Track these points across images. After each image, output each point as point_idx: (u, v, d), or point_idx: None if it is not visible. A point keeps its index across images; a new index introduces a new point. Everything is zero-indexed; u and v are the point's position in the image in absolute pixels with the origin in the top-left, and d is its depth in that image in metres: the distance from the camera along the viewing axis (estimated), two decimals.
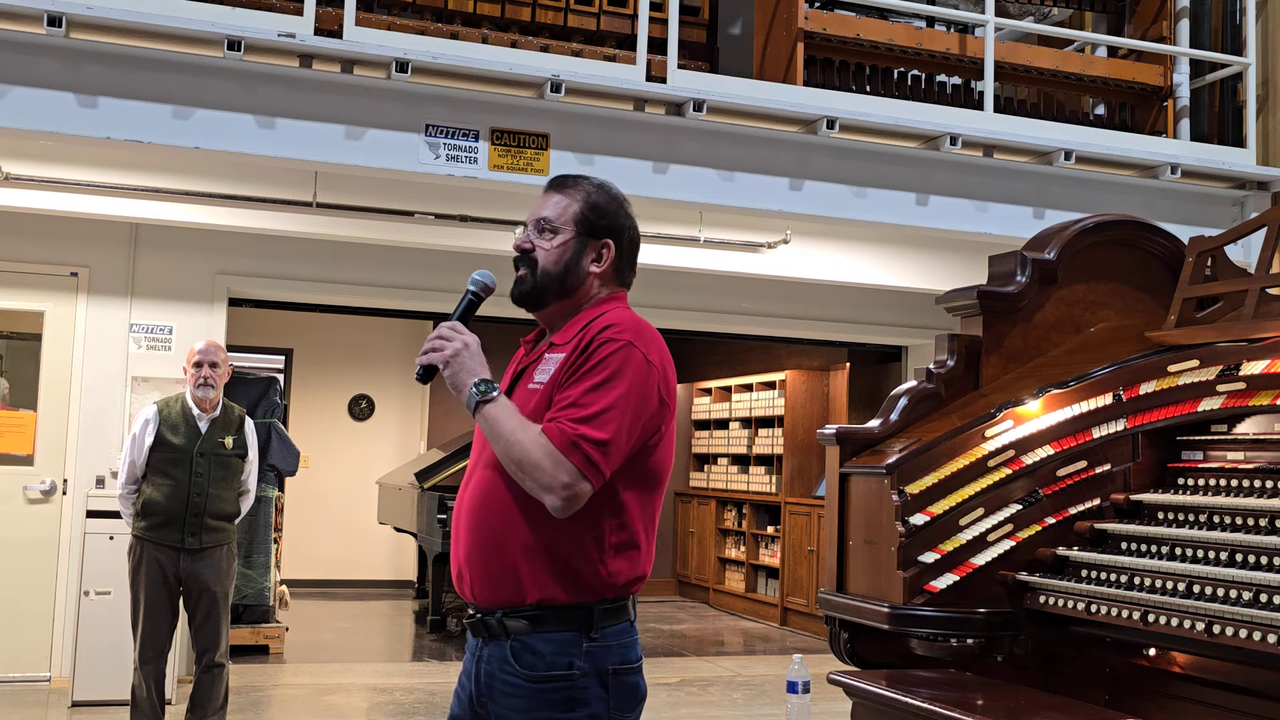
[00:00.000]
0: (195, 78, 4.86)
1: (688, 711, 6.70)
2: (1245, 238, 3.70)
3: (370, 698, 6.80)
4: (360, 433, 11.91)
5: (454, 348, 2.25)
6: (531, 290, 2.35)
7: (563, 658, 2.19)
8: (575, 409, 2.16)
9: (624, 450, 2.18)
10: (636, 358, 2.21)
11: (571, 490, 2.12)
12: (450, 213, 6.63)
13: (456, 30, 5.37)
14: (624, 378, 2.18)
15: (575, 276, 2.35)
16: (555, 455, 2.12)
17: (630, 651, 2.27)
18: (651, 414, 2.23)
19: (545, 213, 2.37)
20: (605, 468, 2.14)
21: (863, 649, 3.25)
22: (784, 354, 10.69)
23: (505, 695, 2.21)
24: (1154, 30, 6.50)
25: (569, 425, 2.14)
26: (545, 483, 2.12)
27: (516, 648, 2.20)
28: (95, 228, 6.70)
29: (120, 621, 5.32)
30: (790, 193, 5.69)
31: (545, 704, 2.18)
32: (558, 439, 2.13)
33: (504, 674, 2.21)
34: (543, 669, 2.18)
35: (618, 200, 2.42)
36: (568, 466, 2.12)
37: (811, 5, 5.90)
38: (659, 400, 2.24)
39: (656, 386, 2.24)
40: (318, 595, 11.00)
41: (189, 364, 5.13)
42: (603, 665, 2.21)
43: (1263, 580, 2.59)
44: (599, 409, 2.15)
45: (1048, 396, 3.25)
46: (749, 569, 11.06)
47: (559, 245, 2.34)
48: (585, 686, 2.19)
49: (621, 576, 2.23)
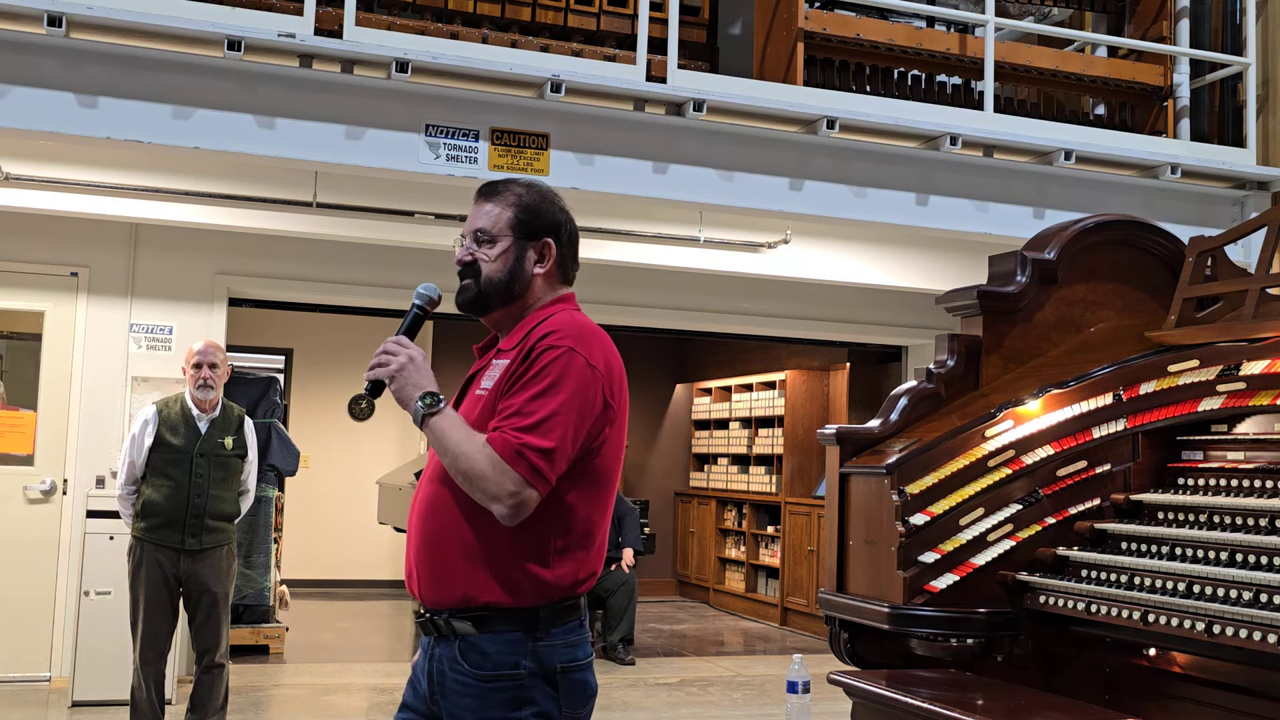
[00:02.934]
0: (195, 78, 4.86)
1: (688, 711, 6.70)
2: (1245, 238, 3.71)
3: (370, 698, 6.80)
4: (360, 433, 11.91)
5: (399, 362, 2.28)
6: (476, 297, 2.37)
7: (509, 657, 2.21)
8: (519, 417, 2.18)
9: (569, 456, 2.20)
10: (578, 363, 2.22)
11: (518, 498, 2.15)
12: (450, 213, 6.64)
13: (456, 30, 5.37)
14: (566, 384, 2.20)
15: (521, 281, 2.37)
16: (500, 465, 2.14)
17: (578, 650, 2.28)
18: (596, 417, 2.25)
19: (480, 223, 2.38)
20: (551, 475, 2.17)
21: (863, 649, 3.26)
22: (784, 354, 10.69)
23: (456, 694, 2.24)
24: (1154, 30, 6.50)
25: (513, 435, 2.16)
26: (492, 492, 2.15)
27: (464, 647, 2.23)
28: (95, 228, 6.70)
29: (120, 621, 5.32)
30: (790, 193, 5.69)
31: (494, 703, 2.21)
32: (502, 448, 2.15)
33: (454, 673, 2.24)
34: (490, 669, 2.21)
35: (549, 197, 2.42)
36: (513, 475, 2.14)
37: (811, 5, 5.89)
38: (603, 403, 2.26)
39: (600, 389, 2.25)
40: (318, 595, 11.00)
41: (188, 365, 5.13)
42: (550, 664, 2.23)
43: (1263, 580, 2.59)
44: (542, 416, 2.17)
45: (1048, 396, 3.25)
46: (749, 569, 11.06)
47: (500, 253, 2.35)
48: (532, 686, 2.21)
49: (567, 579, 2.25)
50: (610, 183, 5.40)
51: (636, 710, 6.69)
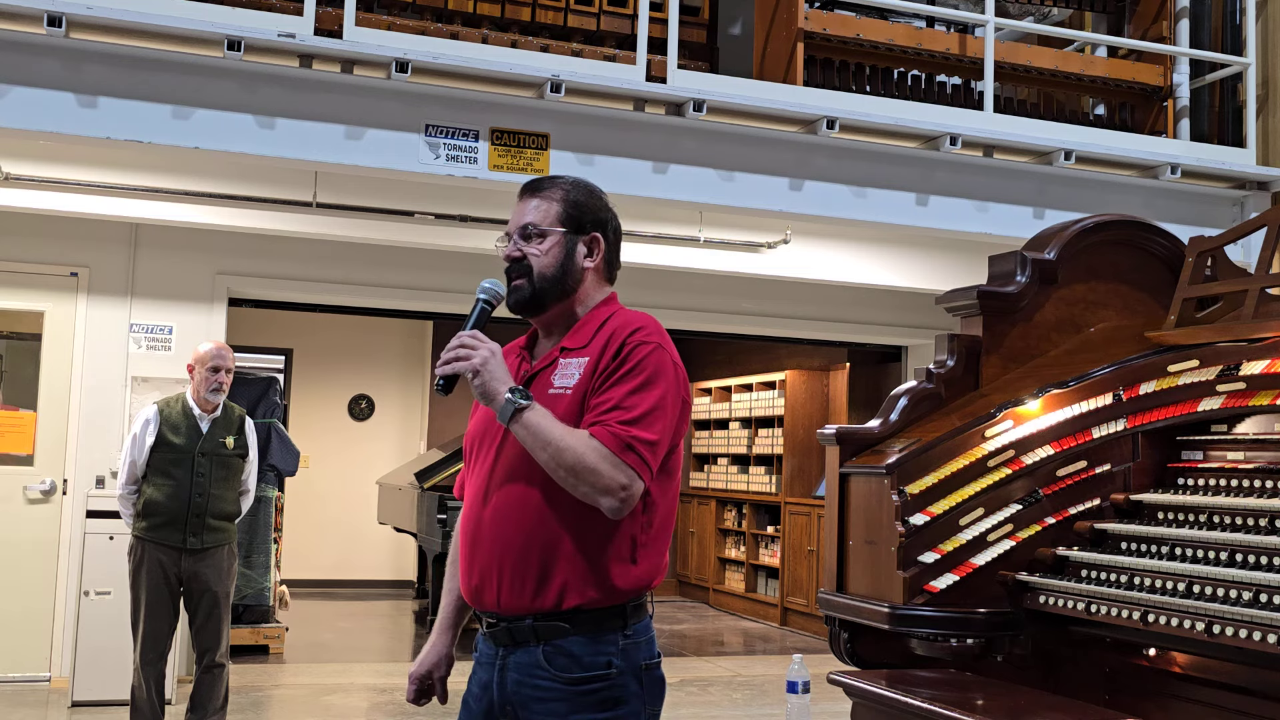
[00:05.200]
0: (195, 78, 4.86)
1: (688, 711, 6.70)
2: (1245, 238, 3.70)
3: (370, 698, 6.81)
4: (360, 433, 11.91)
5: (482, 355, 2.19)
6: (532, 296, 2.33)
7: (600, 657, 2.19)
8: (621, 411, 2.17)
9: (665, 449, 2.22)
10: (668, 360, 2.25)
11: (629, 491, 2.15)
12: (450, 213, 6.64)
13: (456, 30, 5.38)
14: (662, 379, 2.22)
15: (573, 275, 2.35)
16: (611, 458, 2.13)
17: (654, 646, 2.30)
18: (682, 413, 2.28)
19: (528, 218, 2.35)
20: (656, 467, 2.19)
21: (863, 649, 3.25)
22: (784, 354, 10.70)
23: (541, 701, 2.20)
24: (1154, 30, 6.50)
25: (620, 428, 2.15)
26: (604, 485, 2.13)
27: (549, 652, 2.19)
28: (95, 228, 6.70)
29: (120, 621, 5.32)
30: (790, 193, 5.69)
31: (586, 705, 2.18)
32: (611, 442, 2.14)
33: (538, 679, 2.20)
34: (580, 670, 2.19)
35: (596, 193, 2.42)
36: (625, 468, 2.14)
37: (811, 5, 5.89)
38: (684, 400, 2.29)
39: (683, 386, 2.29)
40: (318, 595, 11.01)
41: (200, 366, 5.10)
42: (636, 662, 2.23)
43: (1263, 580, 2.59)
44: (645, 410, 2.18)
45: (1048, 396, 3.25)
46: (749, 569, 11.06)
47: (551, 247, 2.33)
48: (624, 684, 2.21)
49: (651, 573, 2.26)
50: (610, 183, 5.39)
51: None
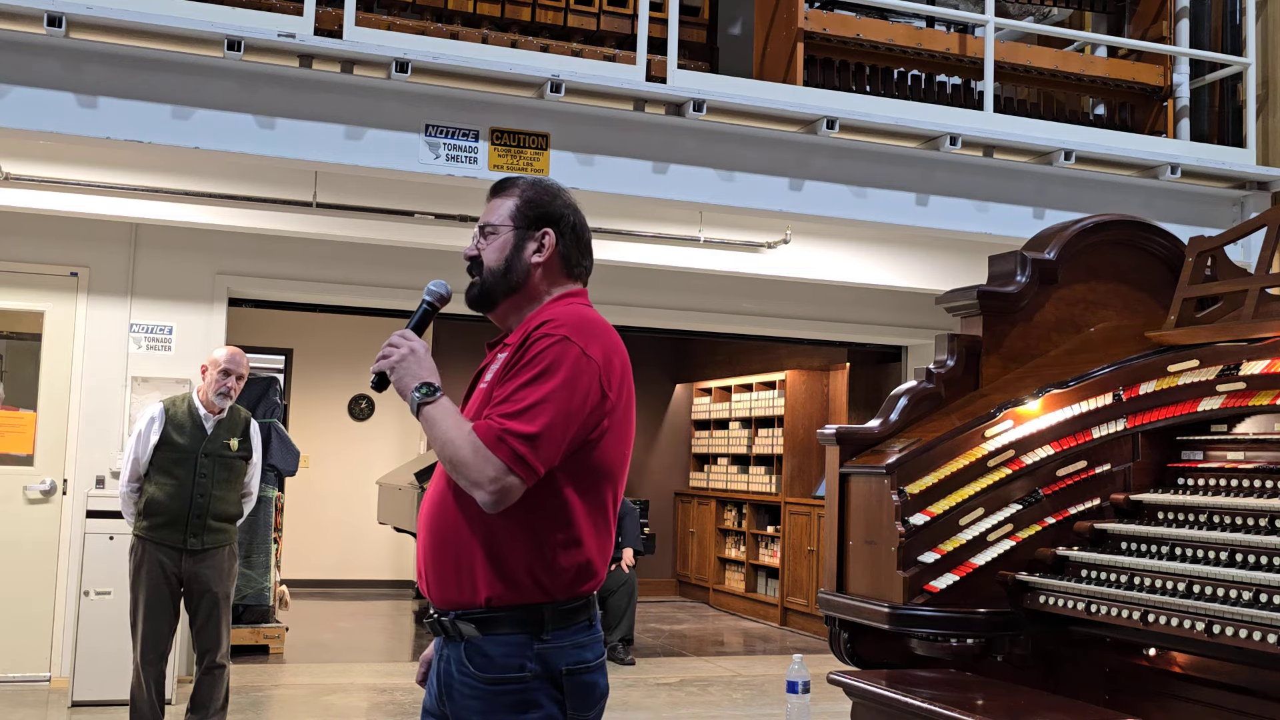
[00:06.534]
0: (195, 78, 4.86)
1: (688, 711, 6.70)
2: (1245, 238, 3.70)
3: (370, 698, 6.80)
4: (360, 433, 11.91)
5: (400, 353, 2.31)
6: (480, 292, 2.40)
7: (513, 660, 2.20)
8: (506, 404, 2.19)
9: (559, 444, 2.18)
10: (572, 352, 2.21)
11: (499, 484, 2.14)
12: (450, 213, 6.64)
13: (456, 30, 5.37)
14: (557, 372, 2.19)
15: (518, 271, 2.38)
16: (482, 451, 2.14)
17: (586, 651, 2.26)
18: (592, 408, 2.22)
19: (486, 218, 2.43)
20: (536, 462, 2.15)
21: (863, 649, 3.25)
22: (784, 354, 10.70)
23: (463, 696, 2.23)
24: (1154, 30, 6.50)
25: (496, 420, 2.16)
26: (473, 478, 2.15)
27: (469, 649, 2.22)
28: (95, 228, 6.70)
29: (120, 621, 5.32)
30: (790, 193, 5.69)
31: (499, 706, 2.20)
32: (485, 434, 2.16)
33: (460, 674, 2.24)
34: (494, 671, 2.20)
35: (553, 191, 2.45)
36: (494, 461, 2.14)
37: (811, 5, 5.89)
38: (600, 393, 2.23)
39: (597, 379, 2.23)
40: (318, 595, 11.00)
41: (214, 368, 5.09)
42: (555, 667, 2.21)
43: (1263, 580, 2.59)
44: (528, 403, 2.17)
45: (1048, 396, 3.25)
46: (749, 569, 11.06)
47: (499, 243, 2.39)
48: (537, 688, 2.20)
49: (567, 575, 2.23)
50: (610, 183, 5.40)
51: (636, 710, 6.69)
